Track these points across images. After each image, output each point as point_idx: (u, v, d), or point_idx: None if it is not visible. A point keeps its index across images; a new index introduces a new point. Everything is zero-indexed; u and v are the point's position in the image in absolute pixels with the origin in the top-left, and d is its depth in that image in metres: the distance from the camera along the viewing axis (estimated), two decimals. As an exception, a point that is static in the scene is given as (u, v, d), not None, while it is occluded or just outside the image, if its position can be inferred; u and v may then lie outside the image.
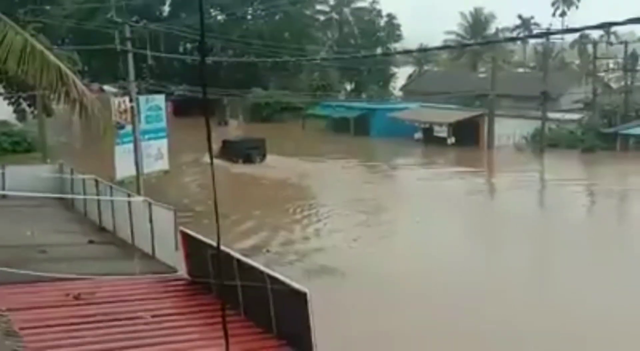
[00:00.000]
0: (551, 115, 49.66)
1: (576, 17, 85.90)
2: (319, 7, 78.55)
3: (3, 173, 25.79)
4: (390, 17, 76.49)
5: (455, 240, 26.10)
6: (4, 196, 23.50)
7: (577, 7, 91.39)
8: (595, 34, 71.91)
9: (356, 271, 22.01)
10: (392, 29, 76.75)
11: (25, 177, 24.77)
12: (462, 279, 20.95)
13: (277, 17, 70.83)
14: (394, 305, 18.87)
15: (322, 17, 79.11)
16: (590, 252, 24.53)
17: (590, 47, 64.07)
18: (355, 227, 28.28)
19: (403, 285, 20.44)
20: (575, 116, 51.43)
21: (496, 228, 28.88)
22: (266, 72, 67.57)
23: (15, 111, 50.35)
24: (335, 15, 79.47)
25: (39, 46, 12.08)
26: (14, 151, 43.06)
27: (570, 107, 54.75)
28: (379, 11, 76.68)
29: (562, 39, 74.47)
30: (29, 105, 47.09)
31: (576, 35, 75.45)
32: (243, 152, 42.06)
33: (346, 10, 79.35)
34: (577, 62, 76.65)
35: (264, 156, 43.15)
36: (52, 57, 12.08)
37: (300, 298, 10.16)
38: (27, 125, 47.94)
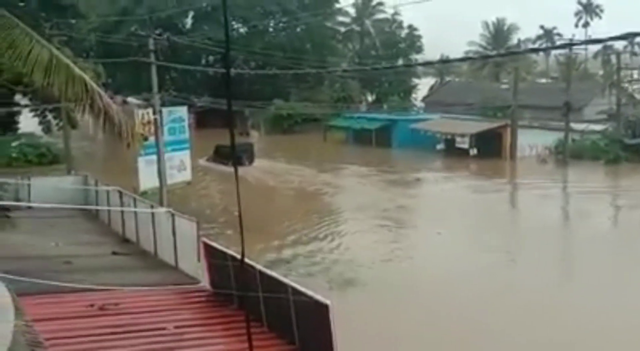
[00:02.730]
0: (574, 126, 49.22)
1: (599, 28, 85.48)
2: (340, 19, 78.85)
3: (29, 185, 26.15)
4: (411, 28, 76.54)
5: (476, 252, 25.77)
6: (29, 207, 23.78)
7: (600, 17, 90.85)
8: (619, 45, 71.33)
9: (374, 283, 21.91)
10: (413, 40, 76.76)
11: (50, 188, 25.10)
12: (481, 292, 20.77)
13: (298, 30, 71.23)
14: (413, 316, 18.75)
15: (343, 29, 79.38)
16: (616, 262, 24.22)
17: (613, 58, 63.50)
18: (372, 237, 28.22)
19: (422, 297, 20.32)
20: (599, 127, 50.95)
21: (520, 240, 28.59)
22: (287, 83, 67.89)
23: (40, 123, 51.03)
24: (356, 27, 79.69)
25: (65, 59, 12.25)
26: (39, 163, 43.68)
27: (593, 117, 54.23)
28: (400, 22, 76.82)
29: (585, 49, 74.25)
30: (54, 118, 47.70)
31: (599, 45, 74.95)
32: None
33: (367, 21, 79.54)
34: (601, 72, 75.99)
35: (251, 159, 46.12)
36: (77, 70, 12.24)
37: (322, 309, 10.15)
38: (52, 137, 48.58)
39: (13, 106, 49.62)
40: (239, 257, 12.44)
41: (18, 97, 50.42)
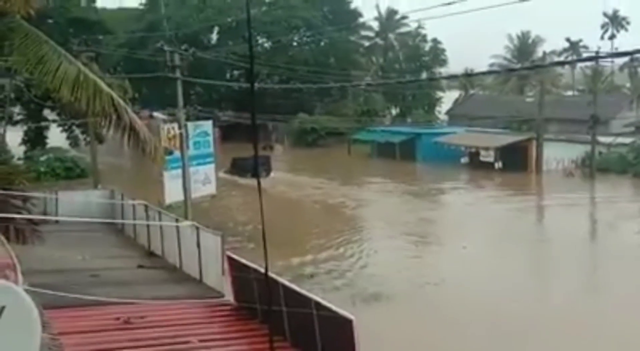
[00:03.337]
0: (601, 139, 48.68)
1: (626, 40, 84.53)
2: (363, 33, 79.05)
3: (56, 199, 26.48)
4: (435, 41, 76.46)
5: (502, 267, 25.48)
6: (56, 221, 24.06)
7: (627, 29, 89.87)
8: (646, 57, 70.45)
9: (398, 297, 21.76)
10: (437, 53, 76.66)
11: (78, 202, 25.40)
12: (508, 309, 20.51)
13: (322, 44, 71.54)
14: (438, 332, 18.58)
15: (366, 43, 79.56)
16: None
17: (641, 70, 62.82)
18: (396, 250, 28.07)
19: (447, 313, 20.13)
20: (627, 140, 50.32)
21: (545, 254, 28.25)
22: (311, 97, 68.14)
23: (68, 138, 51.84)
24: (380, 41, 79.83)
25: (92, 75, 12.43)
26: (67, 177, 44.23)
27: (621, 130, 53.60)
28: (424, 36, 76.75)
29: (611, 62, 73.39)
30: (82, 132, 48.43)
31: (626, 58, 74.08)
32: (250, 167, 43.91)
33: (391, 35, 79.67)
34: (628, 85, 75.13)
35: (269, 172, 46.64)
36: (104, 86, 12.41)
37: (346, 325, 10.11)
38: (79, 151, 49.24)
39: (42, 121, 50.60)
40: (263, 270, 12.46)
41: (46, 112, 51.44)
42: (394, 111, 76.06)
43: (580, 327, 19.01)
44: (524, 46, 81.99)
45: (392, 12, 79.51)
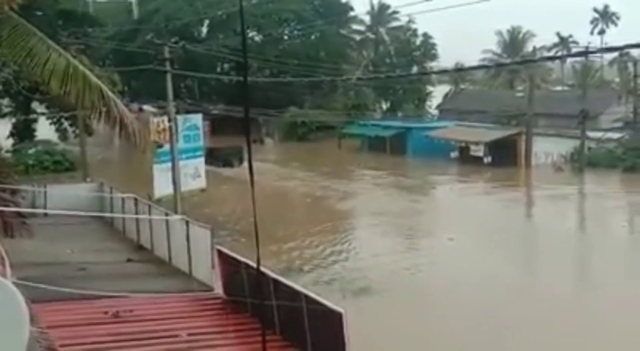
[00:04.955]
0: (590, 134, 48.90)
1: (615, 35, 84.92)
2: (354, 26, 78.95)
3: (45, 192, 26.35)
4: (426, 36, 76.43)
5: (488, 259, 25.56)
6: (45, 214, 23.94)
7: (616, 25, 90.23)
8: (636, 52, 70.60)
9: (387, 290, 21.86)
10: (428, 48, 76.65)
11: (66, 195, 25.26)
12: (494, 300, 20.64)
13: (312, 37, 71.40)
14: (425, 324, 18.67)
15: (357, 37, 79.45)
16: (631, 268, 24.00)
17: (630, 65, 63.01)
18: (384, 242, 28.17)
19: (432, 304, 20.24)
20: (616, 135, 50.57)
21: (532, 247, 28.44)
22: (302, 91, 67.99)
23: (57, 130, 51.54)
24: (370, 35, 79.75)
25: (81, 67, 12.35)
26: (55, 170, 43.96)
27: (610, 125, 53.86)
28: (415, 30, 76.65)
29: (601, 57, 73.66)
30: (71, 125, 48.15)
31: (616, 53, 74.31)
32: (223, 157, 46.58)
33: (382, 29, 79.58)
34: (617, 80, 75.40)
35: (241, 161, 47.53)
36: (93, 78, 12.33)
37: (335, 318, 10.14)
38: (68, 145, 48.98)
39: (30, 114, 50.28)
40: (253, 264, 12.46)
41: (35, 105, 51.12)
42: (384, 105, 76.03)
43: (555, 300, 19.48)
44: (515, 41, 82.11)
45: (383, 7, 79.50)
